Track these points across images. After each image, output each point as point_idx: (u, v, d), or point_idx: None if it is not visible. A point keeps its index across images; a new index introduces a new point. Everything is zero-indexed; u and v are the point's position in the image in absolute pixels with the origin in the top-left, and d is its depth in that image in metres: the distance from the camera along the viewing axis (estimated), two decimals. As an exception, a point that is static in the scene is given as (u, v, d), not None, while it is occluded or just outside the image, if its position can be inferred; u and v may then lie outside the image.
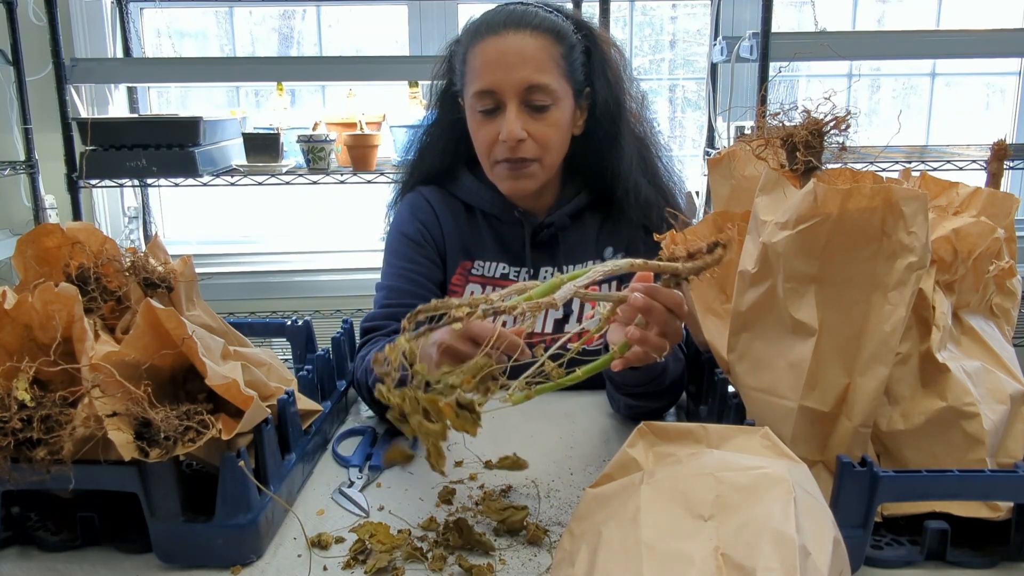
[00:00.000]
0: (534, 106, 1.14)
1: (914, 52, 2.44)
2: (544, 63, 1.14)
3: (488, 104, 1.15)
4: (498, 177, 1.21)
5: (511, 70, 1.13)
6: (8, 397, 0.69)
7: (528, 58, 1.13)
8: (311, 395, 0.98)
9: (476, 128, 1.19)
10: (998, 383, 0.81)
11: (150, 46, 2.64)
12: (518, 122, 1.14)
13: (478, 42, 1.16)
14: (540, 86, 1.13)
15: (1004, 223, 0.87)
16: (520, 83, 1.13)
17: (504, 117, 1.14)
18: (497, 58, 1.14)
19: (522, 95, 1.14)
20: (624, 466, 0.66)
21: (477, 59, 1.15)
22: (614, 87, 1.22)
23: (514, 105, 1.14)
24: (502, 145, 1.15)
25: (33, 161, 2.22)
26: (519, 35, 1.14)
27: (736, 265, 0.85)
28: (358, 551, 0.76)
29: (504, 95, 1.14)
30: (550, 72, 1.14)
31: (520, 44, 1.13)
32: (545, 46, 1.14)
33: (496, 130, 1.15)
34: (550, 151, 1.18)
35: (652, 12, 2.81)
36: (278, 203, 2.84)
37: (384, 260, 1.28)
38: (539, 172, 1.19)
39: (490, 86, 1.14)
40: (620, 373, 1.01)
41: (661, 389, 1.03)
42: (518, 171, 1.18)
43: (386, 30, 2.73)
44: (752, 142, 0.86)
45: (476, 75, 1.15)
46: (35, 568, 0.75)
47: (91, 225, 0.86)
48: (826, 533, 0.57)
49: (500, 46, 1.14)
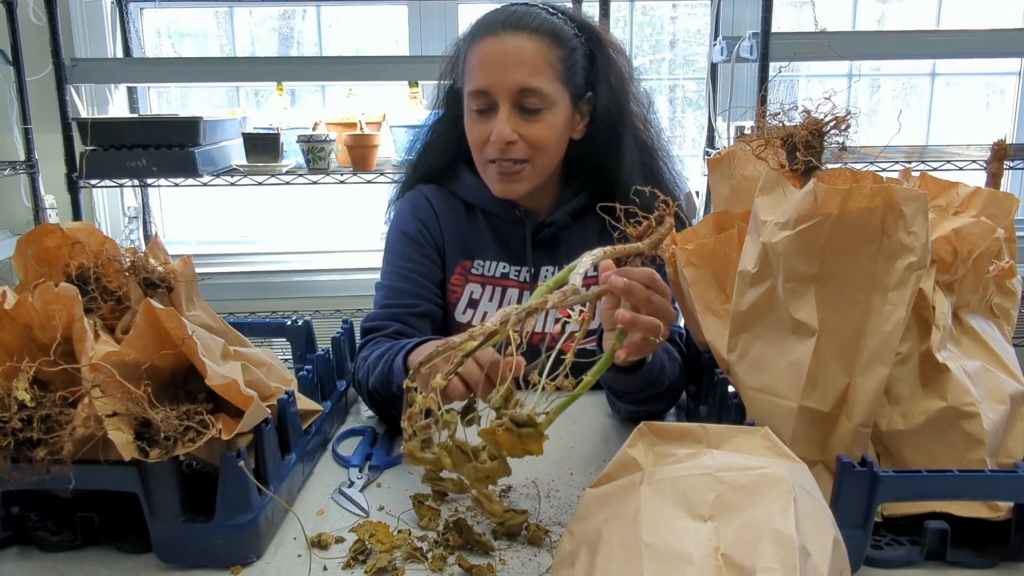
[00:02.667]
0: (526, 109, 1.14)
1: (914, 52, 2.44)
2: (539, 67, 1.13)
3: (482, 104, 1.15)
4: (489, 178, 1.21)
5: (505, 72, 1.13)
6: (8, 397, 0.69)
7: (523, 61, 1.13)
8: (311, 395, 0.98)
9: (470, 126, 1.19)
10: (998, 383, 0.81)
11: (150, 46, 2.64)
12: (508, 124, 1.13)
13: (477, 41, 1.16)
14: (533, 90, 1.13)
15: (1004, 223, 0.87)
16: (513, 85, 1.13)
17: (496, 117, 1.14)
18: (492, 59, 1.14)
19: (515, 97, 1.14)
20: (624, 466, 0.66)
21: (475, 58, 1.16)
22: (617, 92, 1.22)
23: (506, 107, 1.14)
24: (493, 145, 1.16)
25: (33, 161, 2.22)
26: (516, 37, 1.14)
27: (736, 265, 0.85)
28: (358, 551, 0.76)
29: (497, 96, 1.14)
30: (545, 76, 1.14)
31: (516, 46, 1.13)
32: (541, 49, 1.14)
33: (488, 130, 1.15)
34: (541, 153, 1.17)
35: (652, 12, 2.81)
36: (278, 203, 2.84)
37: (384, 259, 1.28)
38: (530, 174, 1.18)
39: (484, 86, 1.14)
40: (619, 381, 1.01)
41: (661, 391, 1.03)
42: (508, 174, 1.17)
43: (386, 30, 2.73)
44: (752, 142, 0.85)
45: (472, 74, 1.16)
46: (35, 568, 0.75)
47: (91, 225, 0.86)
48: (826, 533, 0.57)
49: (496, 47, 1.14)
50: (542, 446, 0.67)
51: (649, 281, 0.84)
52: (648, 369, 0.98)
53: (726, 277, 0.97)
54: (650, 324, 0.83)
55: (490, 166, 1.19)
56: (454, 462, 0.67)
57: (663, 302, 0.85)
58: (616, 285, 0.82)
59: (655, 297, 0.84)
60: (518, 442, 0.66)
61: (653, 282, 0.84)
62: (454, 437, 0.67)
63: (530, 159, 1.17)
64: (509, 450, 0.67)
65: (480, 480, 0.67)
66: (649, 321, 0.83)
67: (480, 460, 0.66)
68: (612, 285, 0.82)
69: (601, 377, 1.05)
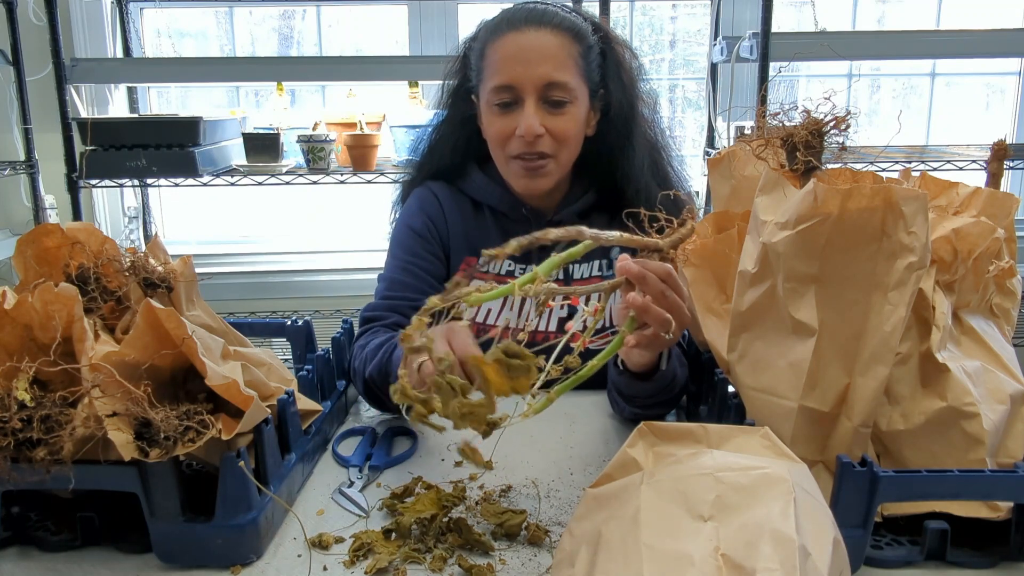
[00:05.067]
0: (552, 102, 1.15)
1: (914, 52, 2.44)
2: (564, 61, 1.15)
3: (506, 98, 1.16)
4: (513, 174, 1.21)
5: (531, 66, 1.13)
6: (8, 397, 0.69)
7: (548, 55, 1.14)
8: (311, 395, 0.98)
9: (491, 122, 1.19)
10: (998, 383, 0.81)
11: (150, 46, 2.64)
12: (536, 117, 1.14)
13: (498, 37, 1.17)
14: (559, 83, 1.14)
15: (1004, 223, 0.87)
16: (540, 79, 1.13)
17: (521, 112, 1.15)
18: (517, 53, 1.14)
19: (541, 91, 1.14)
20: (624, 466, 0.66)
21: (496, 54, 1.16)
22: (628, 90, 1.23)
23: (532, 100, 1.14)
24: (518, 140, 1.16)
25: (33, 161, 2.22)
26: (540, 32, 1.15)
27: (736, 265, 0.85)
28: (358, 551, 0.76)
29: (523, 90, 1.14)
30: (569, 70, 1.15)
31: (540, 41, 1.14)
32: (564, 44, 1.15)
33: (512, 124, 1.16)
34: (565, 148, 1.18)
35: (652, 12, 2.81)
36: (278, 203, 2.84)
37: (388, 251, 1.28)
38: (554, 170, 1.19)
39: (510, 81, 1.14)
40: (631, 386, 1.00)
41: (671, 397, 1.03)
42: (534, 170, 1.18)
43: (386, 30, 2.73)
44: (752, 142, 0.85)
45: (495, 69, 1.16)
46: (35, 568, 0.75)
47: (91, 225, 0.86)
48: (826, 533, 0.57)
49: (521, 42, 1.15)
50: (529, 384, 0.65)
51: (665, 275, 0.81)
52: (662, 376, 0.98)
53: (726, 277, 0.97)
54: (660, 316, 0.80)
55: (513, 162, 1.19)
56: (443, 401, 0.64)
57: (677, 301, 0.82)
58: (631, 270, 0.79)
59: (670, 293, 0.81)
60: (507, 375, 0.63)
61: (669, 277, 0.81)
62: (445, 375, 0.64)
63: (554, 154, 1.18)
64: (496, 383, 0.64)
65: (464, 418, 0.64)
66: (660, 313, 0.80)
67: (466, 397, 0.64)
68: (627, 270, 0.79)
69: (612, 381, 1.05)
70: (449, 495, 0.84)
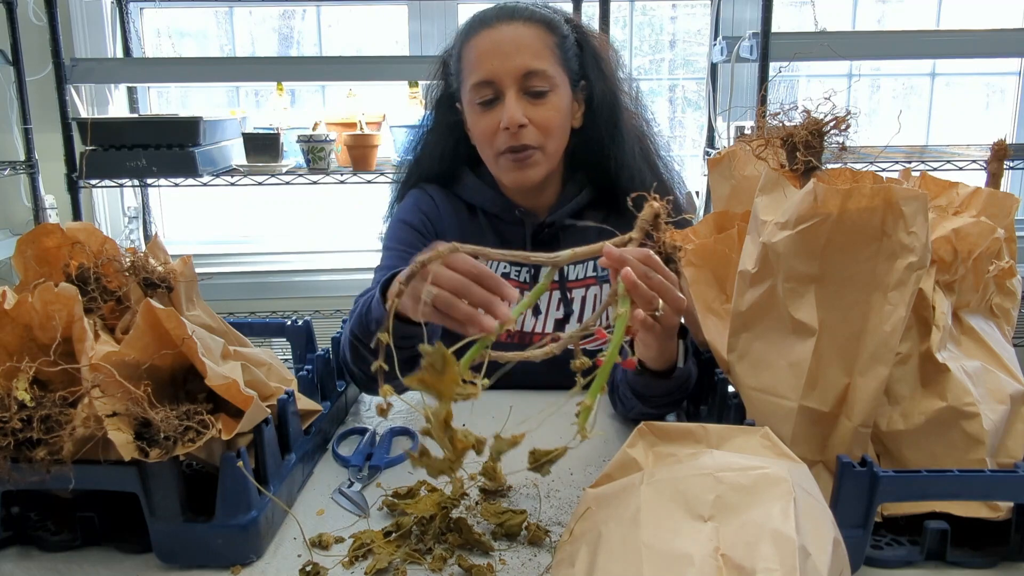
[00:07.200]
0: (533, 92, 1.15)
1: (914, 52, 2.44)
2: (539, 50, 1.16)
3: (487, 94, 1.16)
4: (502, 169, 1.21)
5: (507, 58, 1.14)
6: (8, 397, 0.69)
7: (523, 46, 1.15)
8: (311, 395, 0.98)
9: (475, 121, 1.19)
10: (998, 383, 0.81)
11: (150, 46, 2.64)
12: (518, 108, 1.14)
13: (472, 37, 1.18)
14: (537, 71, 1.15)
15: (1004, 223, 0.87)
16: (517, 70, 1.14)
17: (503, 106, 1.15)
18: (492, 48, 1.15)
19: (520, 82, 1.15)
20: (624, 466, 0.66)
21: (473, 52, 1.17)
22: (609, 80, 1.24)
23: (513, 92, 1.15)
24: (504, 134, 1.16)
25: (33, 161, 2.22)
26: (512, 25, 1.16)
27: (736, 265, 0.85)
28: (358, 551, 0.76)
29: (502, 84, 1.15)
30: (545, 59, 1.16)
31: (514, 33, 1.16)
32: (539, 34, 1.16)
33: (496, 120, 1.16)
34: (551, 138, 1.18)
35: (652, 12, 2.81)
36: (278, 203, 2.84)
37: (383, 247, 1.28)
38: (542, 160, 1.19)
39: (488, 76, 1.15)
40: (648, 385, 0.99)
41: (683, 396, 1.03)
42: (522, 162, 1.18)
43: (386, 30, 2.73)
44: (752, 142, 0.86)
45: (473, 68, 1.17)
46: (35, 568, 0.75)
47: (91, 225, 0.86)
48: (826, 533, 0.57)
49: (495, 36, 1.16)
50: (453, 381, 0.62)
51: (644, 258, 0.81)
52: (679, 375, 0.98)
53: (726, 277, 0.97)
54: (647, 295, 0.80)
55: (501, 158, 1.19)
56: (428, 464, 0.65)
57: (663, 282, 0.81)
58: (611, 254, 0.79)
59: (653, 274, 0.81)
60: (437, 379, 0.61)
61: (649, 259, 0.81)
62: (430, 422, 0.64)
63: (540, 146, 1.18)
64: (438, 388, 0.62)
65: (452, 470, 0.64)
66: (647, 291, 0.80)
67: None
68: (607, 253, 0.79)
69: (628, 381, 1.04)
70: (449, 498, 0.84)
